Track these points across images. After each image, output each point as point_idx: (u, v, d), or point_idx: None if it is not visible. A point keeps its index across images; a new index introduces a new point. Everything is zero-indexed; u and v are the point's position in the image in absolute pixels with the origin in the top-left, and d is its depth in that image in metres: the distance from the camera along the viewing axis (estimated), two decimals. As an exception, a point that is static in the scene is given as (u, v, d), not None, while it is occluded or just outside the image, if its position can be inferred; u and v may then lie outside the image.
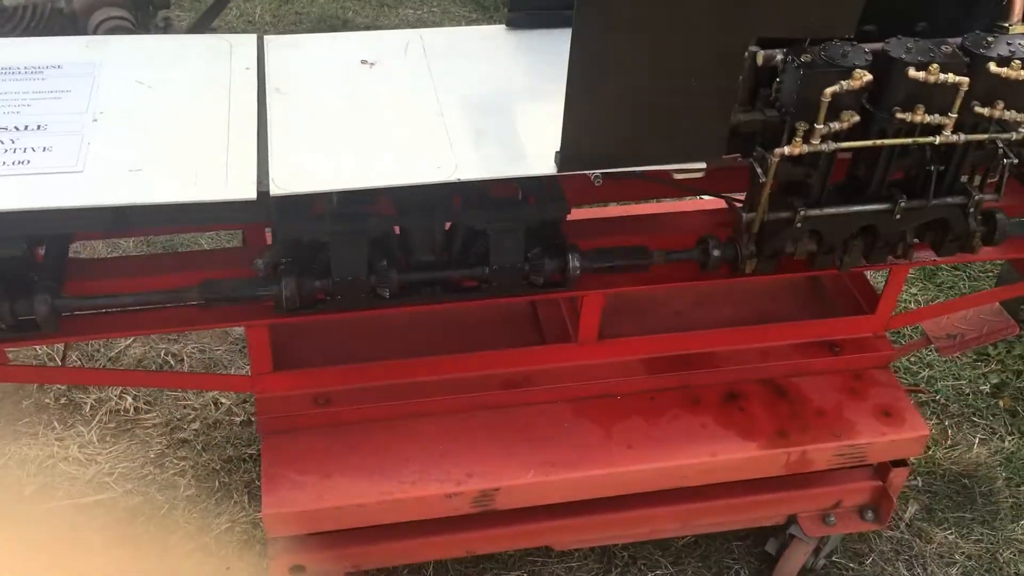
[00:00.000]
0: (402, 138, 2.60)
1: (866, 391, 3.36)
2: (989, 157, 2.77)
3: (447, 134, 2.61)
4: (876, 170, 2.71)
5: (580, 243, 2.91)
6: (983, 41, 2.55)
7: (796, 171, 2.67)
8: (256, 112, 2.66)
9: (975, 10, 2.80)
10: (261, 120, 2.64)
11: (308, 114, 2.66)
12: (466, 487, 2.99)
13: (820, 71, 2.44)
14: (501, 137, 2.63)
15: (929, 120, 2.54)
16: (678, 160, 2.58)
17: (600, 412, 3.21)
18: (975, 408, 4.69)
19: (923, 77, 2.46)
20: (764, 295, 3.66)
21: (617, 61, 2.34)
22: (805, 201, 2.71)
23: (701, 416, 3.24)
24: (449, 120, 2.67)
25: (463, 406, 3.16)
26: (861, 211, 2.76)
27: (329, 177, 2.47)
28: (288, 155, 2.51)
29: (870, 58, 2.49)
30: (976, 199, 2.79)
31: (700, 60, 2.39)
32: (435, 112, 2.70)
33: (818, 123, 2.47)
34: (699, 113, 2.49)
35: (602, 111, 2.42)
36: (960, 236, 2.92)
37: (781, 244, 2.80)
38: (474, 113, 2.71)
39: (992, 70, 2.50)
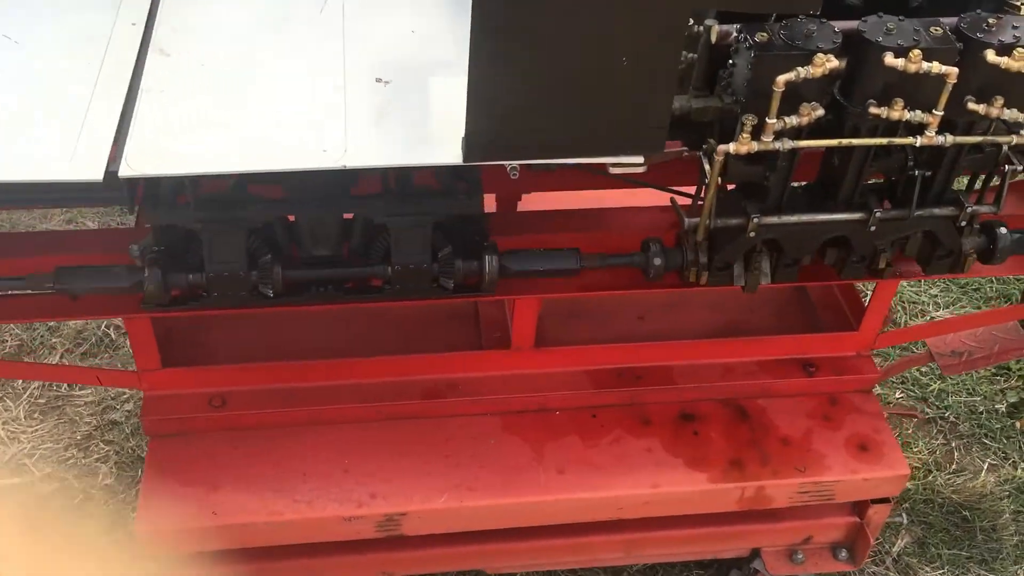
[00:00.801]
0: (291, 114, 2.22)
1: (842, 419, 2.95)
2: (988, 162, 2.33)
3: (345, 111, 2.24)
4: (847, 174, 2.29)
5: (510, 241, 2.54)
6: (983, 23, 2.10)
7: (751, 171, 2.25)
8: (130, 77, 2.31)
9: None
10: (134, 87, 2.30)
11: (189, 81, 2.30)
12: (368, 510, 2.65)
13: (773, 55, 2.01)
14: (409, 117, 2.25)
15: (910, 117, 2.11)
16: (607, 153, 2.17)
17: (533, 429, 2.85)
18: (988, 429, 4.23)
19: (902, 65, 2.02)
20: (742, 301, 3.24)
21: (527, 35, 1.94)
22: (761, 207, 2.30)
23: (648, 439, 2.86)
24: (352, 94, 2.29)
25: (377, 415, 2.81)
26: (828, 221, 2.34)
27: (192, 159, 2.11)
28: (153, 130, 2.16)
29: (839, 40, 2.06)
30: (969, 211, 2.35)
31: (631, 35, 1.97)
32: (337, 84, 2.32)
33: (770, 117, 2.05)
34: (632, 98, 2.08)
35: (512, 93, 2.02)
36: (952, 252, 2.49)
37: (734, 255, 2.39)
38: (383, 88, 2.33)
39: (990, 59, 2.05)
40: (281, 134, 2.17)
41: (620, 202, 2.77)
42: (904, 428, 4.22)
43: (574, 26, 1.95)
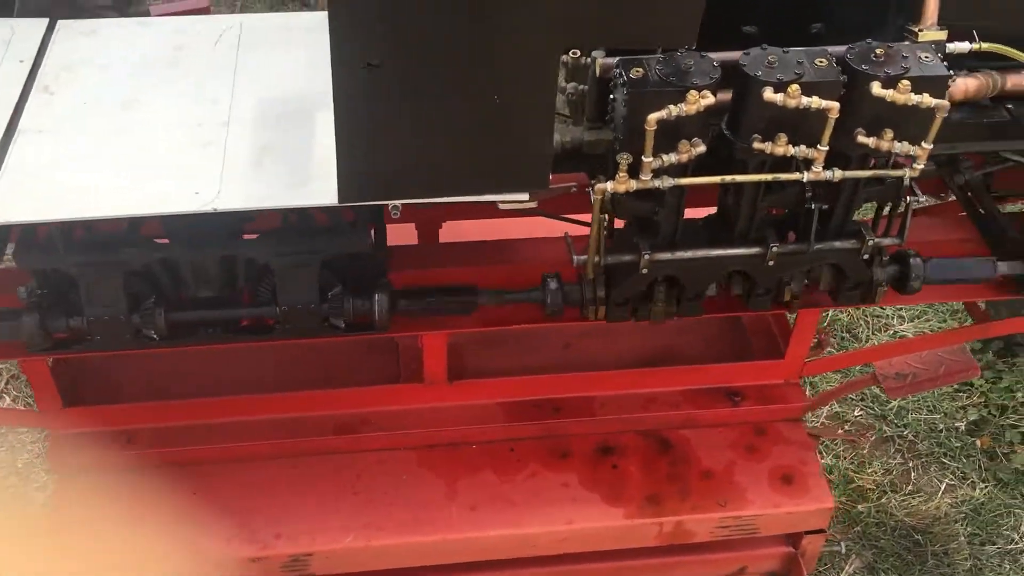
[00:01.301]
0: (169, 156, 2.17)
1: (767, 450, 2.88)
2: (890, 193, 2.25)
3: (224, 151, 2.18)
4: (741, 209, 2.21)
5: (409, 276, 2.48)
6: (871, 54, 2.02)
7: (640, 207, 2.18)
8: (10, 116, 2.27)
9: (884, 11, 2.25)
10: (13, 126, 2.25)
11: (69, 122, 2.25)
12: (273, 551, 2.60)
13: (645, 92, 1.94)
14: (291, 155, 2.19)
15: (795, 152, 2.03)
16: (489, 191, 2.11)
17: (448, 464, 2.79)
18: (948, 448, 4.14)
19: (781, 101, 1.95)
20: (672, 327, 3.14)
21: (391, 74, 1.88)
22: (652, 242, 2.23)
23: (565, 473, 2.79)
24: (235, 132, 2.24)
25: (289, 451, 2.76)
26: (724, 256, 2.26)
27: (62, 204, 2.06)
28: (25, 174, 2.12)
29: (717, 75, 1.98)
30: (871, 243, 2.27)
31: (500, 75, 1.91)
32: (222, 121, 2.27)
33: (645, 155, 1.98)
34: (509, 136, 2.02)
35: (381, 133, 1.96)
36: (862, 283, 2.41)
37: (630, 291, 2.32)
38: (270, 123, 2.27)
39: (875, 92, 1.97)
40: (156, 177, 2.12)
41: (544, 230, 2.70)
42: (860, 447, 4.13)
43: (440, 66, 1.89)
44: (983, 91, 2.28)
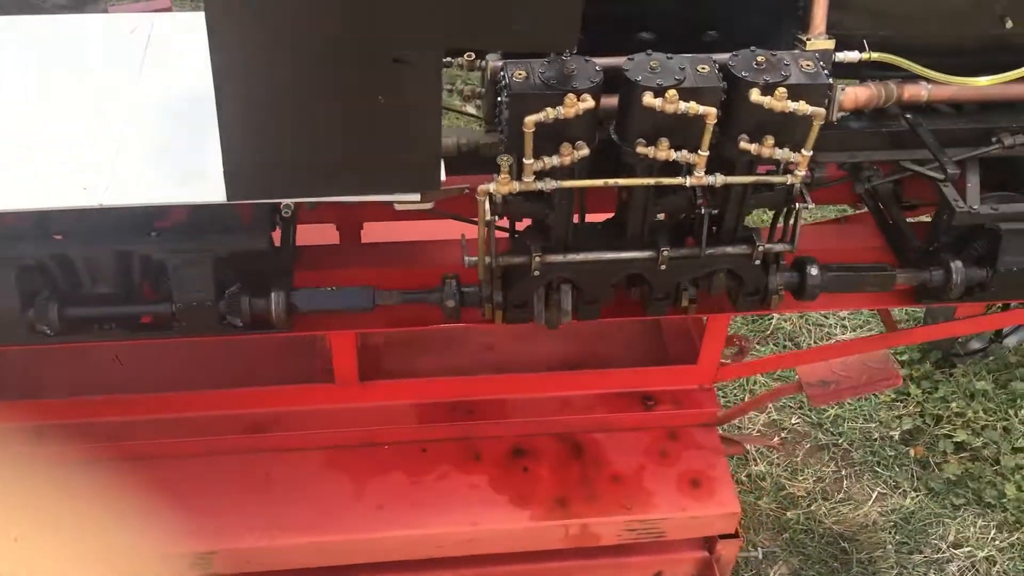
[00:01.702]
0: (63, 149, 2.19)
1: (679, 454, 2.89)
2: (779, 200, 2.27)
3: (119, 146, 2.20)
4: (632, 213, 2.23)
5: (313, 277, 2.50)
6: (752, 62, 2.05)
7: (531, 209, 2.20)
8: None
9: (778, 20, 2.28)
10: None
11: (-32, 115, 2.27)
12: (181, 548, 2.60)
13: (524, 95, 1.96)
14: (189, 152, 2.21)
15: (677, 157, 2.05)
16: (380, 191, 2.13)
17: (358, 464, 2.80)
18: (881, 457, 4.16)
19: (659, 105, 1.97)
20: (595, 331, 3.18)
21: (270, 73, 1.90)
22: (544, 245, 2.25)
23: (476, 475, 2.80)
24: (135, 128, 2.25)
25: (200, 450, 2.77)
26: (617, 259, 2.28)
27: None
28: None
29: (599, 79, 2.01)
30: (760, 249, 2.29)
31: (383, 73, 1.93)
32: (123, 117, 2.28)
33: (526, 157, 2.00)
34: (396, 137, 2.03)
35: (264, 132, 1.98)
36: (759, 289, 2.43)
37: (525, 293, 2.34)
38: (172, 120, 2.29)
39: (753, 99, 2.00)
40: (48, 171, 2.13)
41: (473, 231, 2.72)
42: (794, 455, 4.16)
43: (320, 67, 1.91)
44: (874, 100, 2.31)
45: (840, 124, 2.47)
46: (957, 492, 4.01)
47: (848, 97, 2.27)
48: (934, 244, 2.57)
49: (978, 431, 4.22)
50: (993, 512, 3.94)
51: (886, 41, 2.33)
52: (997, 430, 4.22)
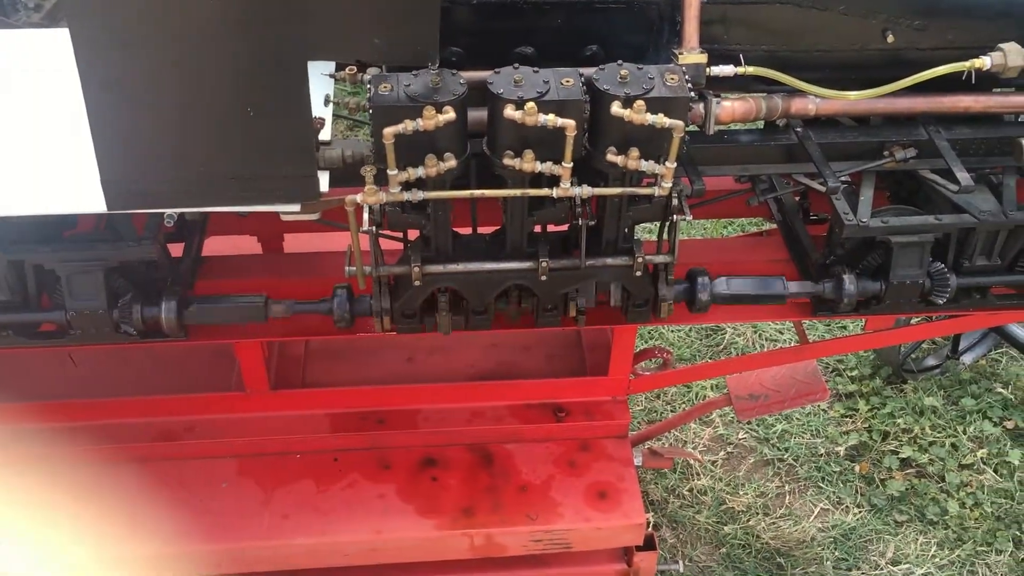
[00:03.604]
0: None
1: (588, 465, 2.91)
2: (656, 211, 2.29)
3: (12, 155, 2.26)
4: (510, 224, 2.27)
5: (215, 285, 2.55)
6: (617, 75, 2.08)
7: (409, 220, 2.24)
8: None
9: (658, 34, 2.31)
10: None
11: None
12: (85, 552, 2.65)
13: (383, 107, 2.00)
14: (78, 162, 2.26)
15: (542, 169, 2.09)
16: (259, 201, 2.17)
17: (268, 472, 2.83)
18: (826, 472, 4.15)
19: (519, 118, 2.00)
20: (514, 344, 3.21)
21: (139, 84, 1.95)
22: (424, 255, 2.29)
23: (384, 484, 2.83)
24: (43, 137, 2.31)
25: (113, 458, 2.81)
26: (498, 270, 2.31)
27: None
28: None
29: (461, 92, 2.04)
30: (640, 260, 2.31)
31: (250, 85, 1.98)
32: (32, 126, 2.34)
33: (389, 168, 2.04)
34: (268, 147, 2.08)
35: (139, 139, 2.03)
36: (647, 300, 2.46)
37: (411, 303, 2.37)
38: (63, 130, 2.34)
39: (613, 112, 2.03)
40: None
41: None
42: (736, 470, 4.15)
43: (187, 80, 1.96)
44: (752, 114, 2.33)
45: (730, 137, 2.50)
46: (900, 509, 3.99)
47: (725, 110, 2.30)
48: (830, 257, 2.59)
49: (925, 447, 4.20)
50: (935, 529, 3.92)
51: (771, 55, 2.37)
52: (945, 447, 4.20)
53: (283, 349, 3.09)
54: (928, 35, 2.36)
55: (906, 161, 2.51)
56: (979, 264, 2.55)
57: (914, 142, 2.49)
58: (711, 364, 4.03)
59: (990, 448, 4.19)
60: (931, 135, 2.49)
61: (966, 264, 2.55)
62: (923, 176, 2.53)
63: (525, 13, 2.27)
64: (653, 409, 4.42)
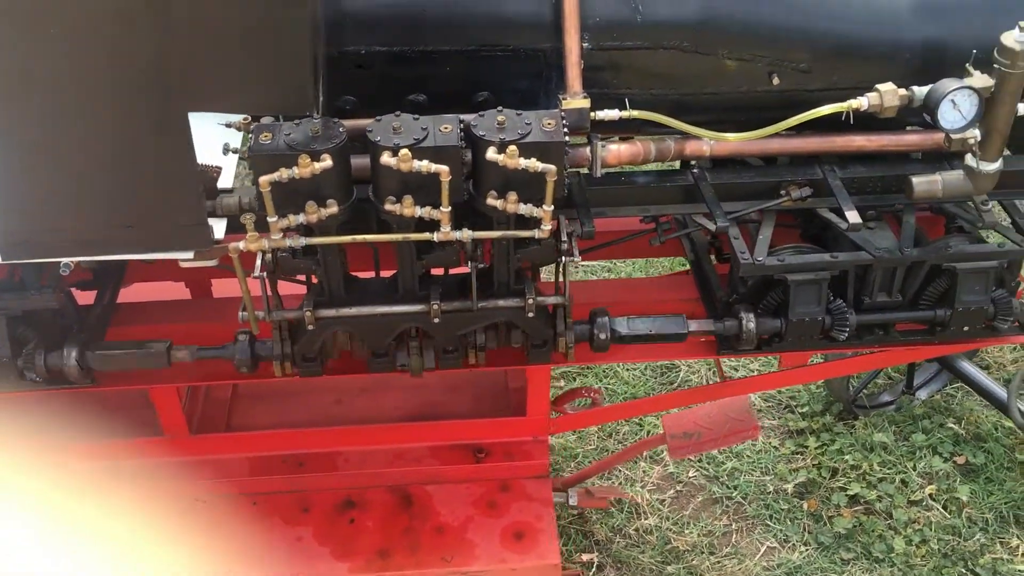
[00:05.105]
0: None
1: (508, 506, 2.92)
2: (546, 254, 2.33)
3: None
4: (401, 268, 2.30)
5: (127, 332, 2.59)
6: (495, 121, 2.13)
7: (300, 265, 2.28)
8: None
9: (548, 80, 2.36)
10: None
11: None
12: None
13: (260, 156, 2.05)
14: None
15: (421, 214, 2.13)
16: (152, 249, 2.22)
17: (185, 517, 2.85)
18: (775, 510, 4.13)
19: (395, 164, 2.05)
20: (442, 385, 3.24)
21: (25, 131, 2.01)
22: (317, 300, 2.32)
23: (302, 527, 2.85)
24: None
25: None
26: (390, 313, 2.35)
27: None
28: None
29: (340, 139, 2.09)
30: (530, 301, 2.34)
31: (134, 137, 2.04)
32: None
33: (269, 216, 2.08)
34: (158, 196, 2.13)
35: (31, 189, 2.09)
36: (545, 341, 2.48)
37: (308, 347, 2.41)
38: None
39: (488, 157, 2.07)
40: None
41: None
42: (684, 508, 4.14)
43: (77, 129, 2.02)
44: (640, 157, 2.37)
45: (627, 179, 2.54)
46: (847, 546, 3.97)
47: (612, 154, 2.34)
48: (732, 295, 2.62)
49: (874, 484, 4.18)
50: (880, 567, 3.89)
51: (661, 99, 2.41)
52: (894, 483, 4.18)
53: (211, 392, 3.12)
54: (814, 77, 2.41)
55: (803, 200, 2.54)
56: (880, 300, 2.58)
57: (809, 181, 2.53)
58: (629, 404, 4.04)
59: (939, 484, 4.17)
60: (825, 174, 2.52)
61: (867, 301, 2.57)
62: (821, 215, 2.56)
63: (416, 61, 2.32)
64: (605, 448, 4.42)
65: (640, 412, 3.22)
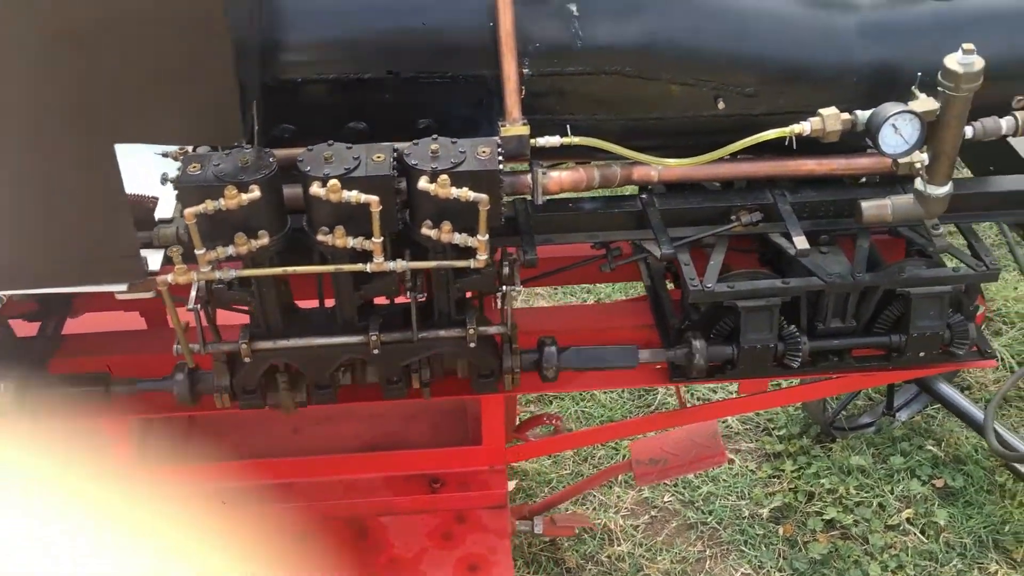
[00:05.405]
0: None
1: (463, 537, 2.87)
2: (486, 283, 2.29)
3: None
4: (339, 299, 2.26)
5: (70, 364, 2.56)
6: (429, 149, 2.09)
7: (235, 297, 2.24)
8: None
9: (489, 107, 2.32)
10: None
11: None
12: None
13: (186, 188, 2.02)
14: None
15: (354, 244, 2.09)
16: (83, 282, 2.18)
17: (135, 550, 2.80)
18: (750, 536, 4.07)
19: (323, 194, 2.01)
20: (402, 414, 3.19)
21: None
22: (254, 331, 2.28)
23: (253, 560, 2.80)
24: None
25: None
26: (329, 345, 2.30)
27: None
28: None
29: (269, 171, 2.05)
30: (471, 332, 2.30)
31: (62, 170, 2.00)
32: None
33: (196, 248, 2.05)
34: (87, 229, 2.10)
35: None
36: (493, 371, 2.44)
37: (247, 379, 2.36)
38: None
39: (420, 186, 2.04)
40: None
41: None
42: (658, 534, 4.08)
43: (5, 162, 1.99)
44: (584, 183, 2.34)
45: (575, 206, 2.50)
46: (823, 572, 3.90)
47: (553, 181, 2.30)
48: (684, 322, 2.57)
49: (851, 508, 4.12)
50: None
51: (605, 124, 2.38)
52: (872, 507, 4.12)
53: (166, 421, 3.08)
54: (760, 101, 2.37)
55: (754, 225, 2.50)
56: (834, 326, 2.53)
57: (760, 206, 2.49)
58: (590, 431, 3.98)
59: (917, 508, 4.10)
60: (776, 199, 2.48)
61: (820, 327, 2.53)
62: (773, 240, 2.51)
63: (355, 88, 2.29)
64: (580, 473, 4.36)
65: (601, 439, 3.17)
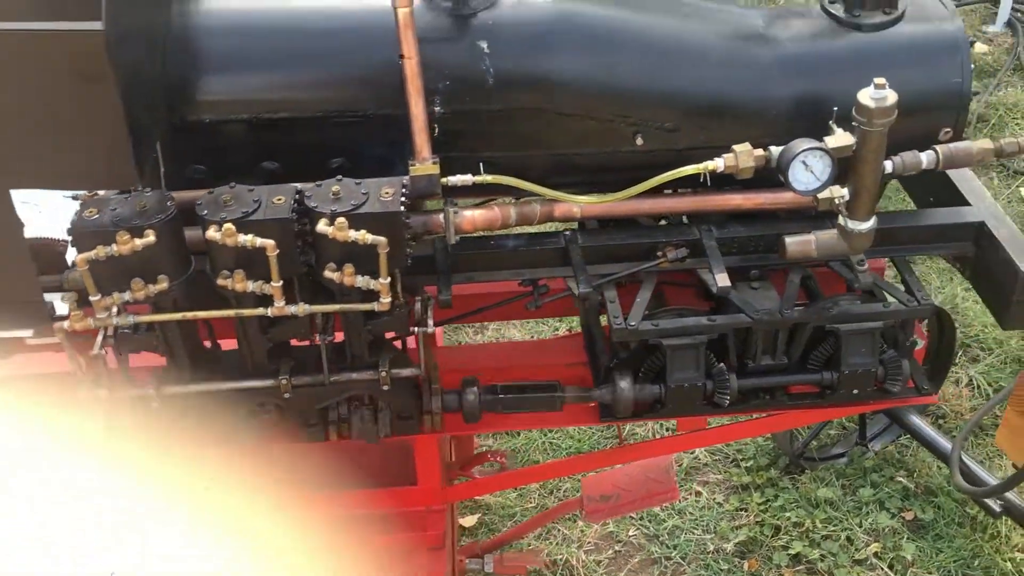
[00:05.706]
0: None
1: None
2: (399, 325, 2.24)
3: None
4: (245, 342, 2.23)
5: None
6: (331, 191, 2.05)
7: (142, 343, 2.21)
8: None
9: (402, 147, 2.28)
10: None
11: None
12: None
13: (82, 233, 1.98)
14: None
15: (253, 288, 2.05)
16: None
17: (65, 595, 2.76)
18: (715, 571, 3.99)
19: (219, 239, 1.98)
20: (354, 449, 3.11)
21: None
22: (164, 376, 2.25)
23: (184, 606, 2.75)
24: None
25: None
26: (240, 388, 2.26)
27: None
28: None
29: (167, 215, 2.02)
30: (383, 374, 2.26)
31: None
32: None
33: (91, 295, 2.01)
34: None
35: None
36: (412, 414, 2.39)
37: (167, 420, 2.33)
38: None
39: (319, 229, 2.00)
40: None
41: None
42: (621, 570, 4.01)
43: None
44: (499, 222, 2.29)
45: (497, 243, 2.46)
46: (787, 608, 3.84)
47: (466, 220, 2.26)
48: (613, 360, 2.52)
49: (818, 542, 4.04)
50: (820, 630, 3.75)
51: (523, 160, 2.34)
52: (839, 540, 4.04)
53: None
54: (681, 136, 2.33)
55: (681, 261, 2.45)
56: (764, 364, 2.48)
57: (686, 242, 2.44)
58: (535, 468, 3.92)
59: (885, 541, 4.02)
60: (701, 234, 2.43)
61: (750, 364, 2.47)
62: (701, 276, 2.46)
63: (265, 128, 2.26)
64: (545, 505, 4.30)
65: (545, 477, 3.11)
